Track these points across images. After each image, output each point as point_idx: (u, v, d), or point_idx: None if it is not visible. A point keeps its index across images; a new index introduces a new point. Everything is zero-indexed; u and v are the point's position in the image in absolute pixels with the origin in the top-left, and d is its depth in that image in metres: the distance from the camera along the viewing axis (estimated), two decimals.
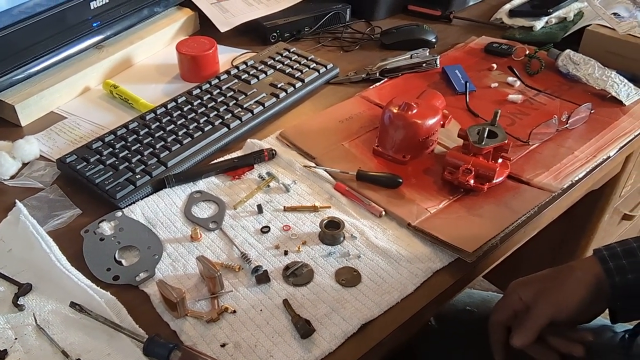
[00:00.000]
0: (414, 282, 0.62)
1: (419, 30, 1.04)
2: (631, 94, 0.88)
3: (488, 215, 0.69)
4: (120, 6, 0.95)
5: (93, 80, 0.93)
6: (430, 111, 0.77)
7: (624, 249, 0.72)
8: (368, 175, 0.74)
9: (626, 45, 0.93)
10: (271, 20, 1.04)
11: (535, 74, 0.94)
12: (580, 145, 0.80)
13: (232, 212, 0.71)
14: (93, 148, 0.76)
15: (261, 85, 0.89)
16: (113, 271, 0.62)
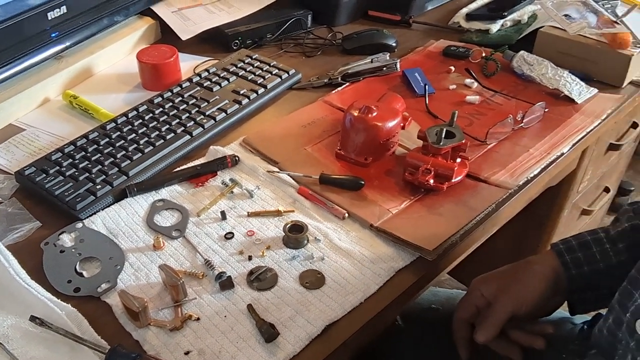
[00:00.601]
0: (377, 282, 0.63)
1: (379, 35, 1.05)
2: (583, 92, 0.92)
3: (448, 214, 0.70)
4: (79, 16, 0.94)
5: (52, 91, 0.92)
6: (390, 114, 0.78)
7: (579, 242, 0.74)
8: (331, 179, 0.75)
9: (577, 45, 0.96)
10: (233, 27, 1.05)
11: (491, 76, 0.97)
12: (535, 143, 0.82)
13: (196, 220, 0.71)
14: (52, 159, 0.75)
15: (223, 92, 0.89)
16: (74, 283, 0.62)
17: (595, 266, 0.73)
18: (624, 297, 0.62)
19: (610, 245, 0.73)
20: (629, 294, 0.61)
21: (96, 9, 0.96)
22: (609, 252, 0.73)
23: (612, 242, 0.73)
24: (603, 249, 0.73)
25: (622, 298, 0.63)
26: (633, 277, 0.62)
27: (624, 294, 0.62)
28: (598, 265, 0.73)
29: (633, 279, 0.62)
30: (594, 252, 0.73)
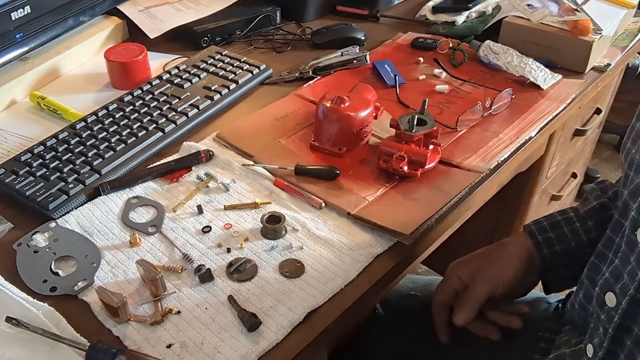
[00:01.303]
0: (357, 268, 0.64)
1: (348, 29, 1.06)
2: (548, 79, 0.94)
3: (422, 199, 0.71)
4: (44, 16, 0.92)
5: (19, 93, 0.90)
6: (362, 104, 0.79)
7: (550, 223, 0.76)
8: (306, 170, 0.75)
9: (540, 33, 0.99)
10: (201, 24, 1.04)
11: (459, 65, 0.99)
12: (504, 128, 0.84)
13: (172, 215, 0.70)
14: (22, 160, 0.74)
15: (195, 89, 0.89)
16: (50, 282, 0.60)
17: (567, 245, 0.75)
18: (592, 271, 0.64)
19: (580, 223, 0.76)
20: (597, 269, 0.63)
21: (61, 8, 0.95)
22: (579, 231, 0.75)
23: (582, 221, 0.76)
24: (573, 227, 0.76)
25: (591, 273, 0.65)
26: (600, 252, 0.64)
27: (592, 269, 0.64)
28: (569, 244, 0.75)
29: (600, 254, 0.64)
30: (564, 232, 0.76)
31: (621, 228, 0.58)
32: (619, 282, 0.57)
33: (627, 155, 0.60)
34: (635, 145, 0.58)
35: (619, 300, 0.56)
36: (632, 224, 0.55)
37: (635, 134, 0.59)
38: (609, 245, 0.62)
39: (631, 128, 0.61)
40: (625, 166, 0.60)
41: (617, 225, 0.60)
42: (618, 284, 0.57)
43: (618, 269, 0.57)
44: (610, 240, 0.61)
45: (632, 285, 0.54)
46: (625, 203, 0.58)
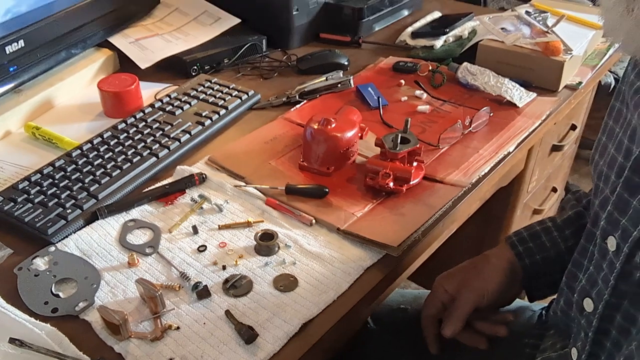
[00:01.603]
0: (348, 280, 0.66)
1: (332, 55, 1.11)
2: (523, 97, 0.99)
3: (409, 213, 0.75)
4: (37, 50, 0.95)
5: (14, 125, 0.93)
6: (348, 125, 0.83)
7: (530, 233, 0.80)
8: (296, 189, 0.78)
9: (514, 55, 1.04)
10: (191, 54, 1.08)
11: (439, 86, 1.03)
12: (484, 144, 0.88)
13: (168, 236, 0.73)
14: (20, 188, 0.76)
15: (186, 115, 0.92)
16: (51, 304, 0.62)
17: (547, 254, 0.78)
18: (570, 279, 0.68)
19: (558, 233, 0.79)
20: (574, 276, 0.66)
21: (54, 42, 0.98)
22: (557, 240, 0.79)
23: (560, 230, 0.79)
24: (552, 237, 0.79)
25: (569, 280, 0.68)
26: (576, 260, 0.67)
27: (570, 277, 0.68)
28: (549, 253, 0.78)
29: (576, 262, 0.67)
30: (544, 241, 0.79)
31: (593, 237, 0.62)
32: (595, 288, 0.60)
33: (595, 167, 0.64)
34: (602, 158, 0.62)
35: (596, 305, 0.59)
36: (603, 233, 0.59)
37: (602, 147, 0.63)
38: (583, 254, 0.65)
39: (598, 141, 0.65)
40: (594, 178, 0.64)
41: (590, 234, 0.64)
42: (594, 290, 0.60)
43: (593, 275, 0.61)
44: (585, 249, 0.65)
45: (606, 291, 0.57)
46: (596, 213, 0.62)
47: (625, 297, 0.56)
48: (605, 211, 0.58)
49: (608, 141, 0.62)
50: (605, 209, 0.58)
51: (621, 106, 0.61)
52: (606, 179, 0.60)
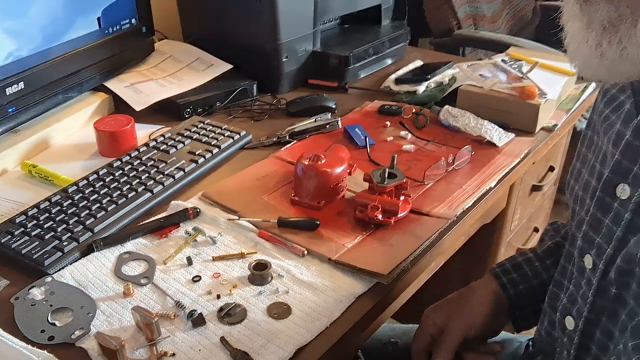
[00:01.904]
0: (340, 307, 0.68)
1: (320, 99, 1.16)
2: (502, 137, 1.04)
3: (397, 244, 0.77)
4: (35, 92, 0.99)
5: (10, 163, 0.95)
6: (337, 161, 0.86)
7: (513, 264, 0.83)
8: (288, 221, 0.80)
9: (492, 99, 1.10)
10: (184, 97, 1.12)
11: (422, 128, 1.08)
12: (467, 180, 0.92)
13: (163, 267, 0.74)
14: (17, 222, 0.77)
15: (180, 154, 0.95)
16: (47, 332, 0.63)
17: (530, 283, 0.81)
18: (552, 299, 0.70)
19: (539, 263, 0.82)
20: (556, 296, 0.69)
21: (52, 84, 1.02)
22: (539, 269, 0.82)
23: (541, 260, 0.82)
24: (533, 267, 0.82)
25: (551, 300, 0.71)
26: (557, 280, 0.70)
27: (552, 297, 0.71)
28: (532, 282, 0.81)
29: (557, 282, 0.70)
30: (526, 271, 0.82)
31: (572, 256, 0.65)
32: (575, 305, 0.63)
33: (571, 192, 0.68)
34: (577, 183, 0.66)
35: (576, 323, 0.62)
36: (579, 252, 0.62)
37: (576, 172, 0.68)
38: (563, 273, 0.68)
39: (572, 168, 0.69)
40: (571, 202, 0.68)
41: (568, 254, 0.67)
42: (574, 308, 0.63)
43: (573, 294, 0.64)
44: (564, 269, 0.68)
45: (585, 307, 0.60)
46: (573, 234, 0.65)
47: (603, 313, 0.59)
48: (581, 231, 0.61)
49: (582, 167, 0.66)
50: (581, 229, 0.61)
51: (592, 134, 0.66)
52: (582, 202, 0.64)
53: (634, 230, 0.54)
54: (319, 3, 1.23)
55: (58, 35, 1.01)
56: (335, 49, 1.29)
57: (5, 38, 0.91)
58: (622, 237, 0.55)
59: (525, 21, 2.32)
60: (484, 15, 2.11)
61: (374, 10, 1.43)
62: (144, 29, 1.21)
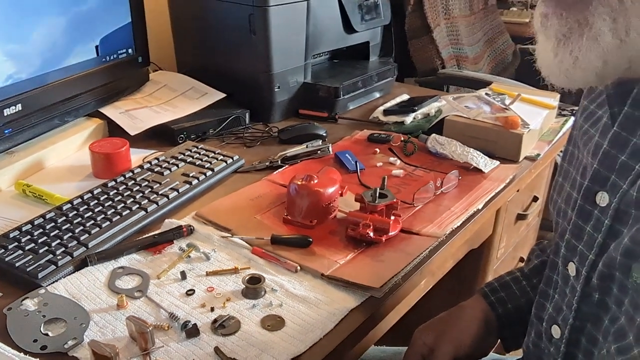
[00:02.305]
0: (333, 320, 0.69)
1: (311, 127, 1.19)
2: (488, 164, 1.07)
3: (389, 260, 0.79)
4: (33, 114, 1.00)
5: (4, 183, 0.95)
6: (329, 182, 0.89)
7: (500, 283, 0.85)
8: (281, 239, 0.82)
9: (477, 128, 1.14)
10: (178, 123, 1.15)
11: (411, 155, 1.12)
12: (455, 203, 0.95)
13: (156, 282, 0.74)
14: (10, 237, 0.78)
15: (174, 175, 0.97)
16: (40, 342, 0.63)
17: (518, 302, 0.83)
18: (538, 309, 0.72)
19: (526, 282, 0.84)
20: (542, 306, 0.71)
21: (49, 108, 1.04)
22: (526, 288, 0.83)
23: (528, 279, 0.84)
24: (521, 286, 0.84)
25: (537, 311, 0.72)
26: (542, 290, 0.72)
27: (538, 307, 0.72)
28: (520, 301, 0.83)
29: (542, 292, 0.72)
30: (514, 290, 0.84)
31: (556, 266, 0.67)
32: (560, 314, 0.64)
33: (554, 205, 0.71)
34: (560, 196, 0.69)
35: (562, 331, 0.64)
36: (563, 260, 0.64)
37: (559, 186, 0.71)
38: (548, 283, 0.70)
39: (555, 182, 0.72)
40: (554, 215, 0.71)
41: (553, 264, 0.69)
42: (560, 316, 0.64)
43: (558, 302, 0.65)
44: (549, 278, 0.70)
45: (570, 315, 0.62)
46: (557, 243, 0.68)
47: (587, 319, 0.61)
48: (564, 239, 0.63)
49: (564, 181, 0.69)
50: (564, 237, 0.63)
51: (573, 149, 0.69)
52: (564, 214, 0.66)
53: (614, 236, 0.57)
54: (311, 37, 1.28)
55: (57, 60, 1.04)
56: (326, 81, 1.33)
57: (6, 61, 0.94)
58: (603, 243, 0.58)
59: (506, 63, 2.41)
60: (467, 57, 2.19)
61: (363, 46, 1.49)
62: (140, 59, 1.24)
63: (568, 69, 0.53)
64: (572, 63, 0.53)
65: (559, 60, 0.53)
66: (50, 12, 1.01)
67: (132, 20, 1.19)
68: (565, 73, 0.54)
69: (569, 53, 0.52)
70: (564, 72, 0.54)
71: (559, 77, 0.55)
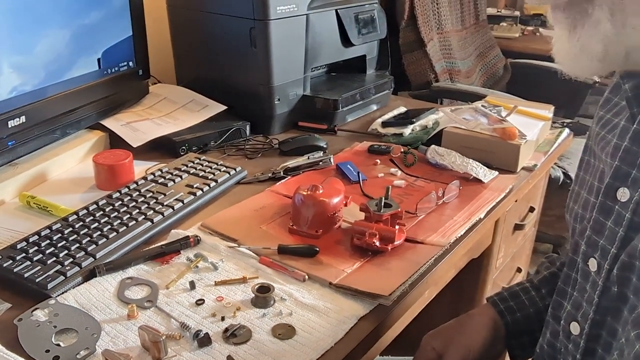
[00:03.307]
0: (344, 328, 0.70)
1: (311, 139, 1.20)
2: (487, 174, 1.09)
3: (395, 269, 0.80)
4: (36, 126, 1.01)
5: (8, 195, 0.95)
6: (334, 192, 0.90)
7: (510, 292, 0.86)
8: (288, 248, 0.82)
9: (475, 139, 1.16)
10: (179, 135, 1.15)
11: (411, 165, 1.13)
12: (457, 212, 0.96)
13: (165, 292, 0.75)
14: (18, 248, 0.77)
15: (178, 187, 0.97)
16: (52, 352, 0.62)
17: (527, 312, 0.84)
18: (556, 309, 0.73)
19: (535, 292, 0.85)
20: (559, 305, 0.72)
21: (52, 120, 1.04)
22: (535, 298, 0.85)
23: (537, 289, 0.86)
24: (530, 296, 0.85)
25: (554, 310, 0.73)
26: (560, 289, 0.73)
27: (555, 306, 0.73)
28: (528, 311, 0.84)
29: (560, 291, 0.73)
30: (523, 300, 0.85)
31: (575, 263, 0.69)
32: (580, 310, 0.66)
33: (571, 212, 0.72)
34: (576, 203, 0.71)
35: (582, 327, 0.65)
36: (584, 257, 0.66)
37: (575, 194, 0.72)
38: (567, 282, 0.71)
39: (572, 191, 0.74)
40: (570, 221, 0.72)
41: (572, 262, 0.71)
42: (579, 313, 0.66)
43: (577, 299, 0.67)
44: (568, 277, 0.71)
45: (591, 309, 0.63)
46: (576, 242, 0.69)
47: (608, 313, 0.62)
48: (585, 236, 0.65)
49: (581, 189, 0.71)
50: (584, 234, 0.65)
51: (589, 158, 0.71)
52: (582, 219, 0.68)
53: (636, 229, 0.58)
54: (310, 50, 1.30)
55: (60, 73, 1.05)
56: (325, 93, 1.35)
57: (11, 73, 0.94)
58: (625, 236, 0.59)
59: (497, 76, 2.46)
60: (459, 71, 2.22)
61: (359, 60, 1.51)
62: (140, 72, 1.25)
63: (576, 55, 0.58)
64: (579, 50, 0.57)
65: (568, 47, 0.59)
66: (54, 24, 1.02)
67: (133, 33, 1.20)
68: (573, 60, 0.59)
69: (576, 40, 0.57)
70: (573, 59, 0.59)
71: (569, 65, 0.60)
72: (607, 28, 0.55)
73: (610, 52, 0.56)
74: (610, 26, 0.54)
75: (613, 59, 0.56)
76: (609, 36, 0.55)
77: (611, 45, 0.55)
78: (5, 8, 0.92)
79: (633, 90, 0.60)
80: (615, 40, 0.55)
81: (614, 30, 0.54)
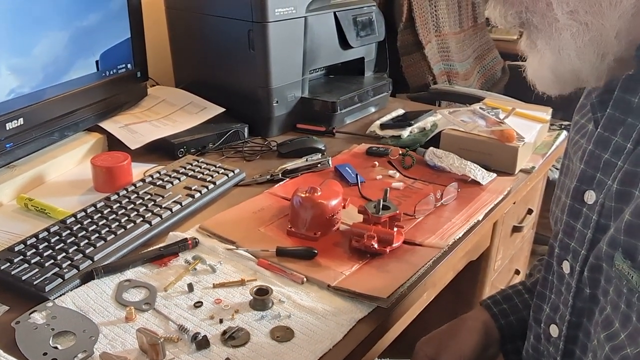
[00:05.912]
0: (342, 330, 0.69)
1: (310, 141, 1.20)
2: (485, 177, 1.09)
3: (394, 271, 0.80)
4: (34, 129, 1.00)
5: (6, 197, 0.95)
6: (332, 194, 0.90)
7: (503, 296, 0.86)
8: (287, 251, 0.82)
9: (473, 142, 1.16)
10: (178, 137, 1.15)
11: (409, 167, 1.13)
12: (455, 214, 0.96)
13: (164, 294, 0.74)
14: (15, 250, 0.77)
15: (176, 189, 0.97)
16: (50, 355, 0.62)
17: (520, 315, 0.84)
18: (536, 312, 0.74)
19: (528, 295, 0.86)
20: (539, 308, 0.73)
21: (50, 122, 1.04)
22: (528, 301, 0.85)
23: (530, 292, 0.86)
24: (523, 298, 0.85)
25: (535, 314, 0.74)
26: (539, 292, 0.74)
27: (536, 309, 0.74)
28: (522, 314, 0.84)
29: (540, 294, 0.74)
30: (516, 303, 0.85)
31: (551, 267, 0.69)
32: (557, 313, 0.66)
33: (552, 215, 0.74)
34: (557, 207, 0.72)
35: (560, 329, 0.66)
36: (557, 259, 0.66)
37: (556, 198, 0.73)
38: (545, 285, 0.72)
39: (554, 196, 0.75)
40: (552, 224, 0.74)
41: (548, 265, 0.71)
42: (557, 315, 0.66)
43: (555, 302, 0.67)
44: (545, 280, 0.72)
45: (567, 311, 0.64)
46: (551, 245, 0.70)
47: (583, 314, 0.63)
48: (557, 239, 0.66)
49: (561, 193, 0.72)
50: (556, 239, 0.66)
51: (568, 162, 0.72)
52: (560, 221, 0.68)
53: (602, 231, 0.59)
54: (308, 52, 1.30)
55: (58, 75, 1.04)
56: (323, 95, 1.35)
57: (9, 75, 0.94)
58: (593, 238, 0.60)
59: (496, 79, 2.46)
60: (457, 73, 2.22)
61: (358, 62, 1.51)
62: (138, 74, 1.25)
63: (540, 77, 0.61)
64: (539, 73, 0.61)
65: (535, 68, 0.62)
66: (53, 26, 1.02)
67: (131, 35, 1.20)
68: (540, 79, 0.62)
69: (536, 63, 0.61)
70: (539, 79, 0.62)
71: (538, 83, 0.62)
72: (547, 56, 0.59)
73: (559, 76, 0.59)
74: (550, 54, 0.58)
75: (565, 80, 0.60)
76: (551, 64, 0.59)
77: (557, 70, 0.59)
78: (3, 10, 0.92)
79: (598, 96, 0.62)
80: (558, 66, 0.58)
81: (553, 57, 0.58)
